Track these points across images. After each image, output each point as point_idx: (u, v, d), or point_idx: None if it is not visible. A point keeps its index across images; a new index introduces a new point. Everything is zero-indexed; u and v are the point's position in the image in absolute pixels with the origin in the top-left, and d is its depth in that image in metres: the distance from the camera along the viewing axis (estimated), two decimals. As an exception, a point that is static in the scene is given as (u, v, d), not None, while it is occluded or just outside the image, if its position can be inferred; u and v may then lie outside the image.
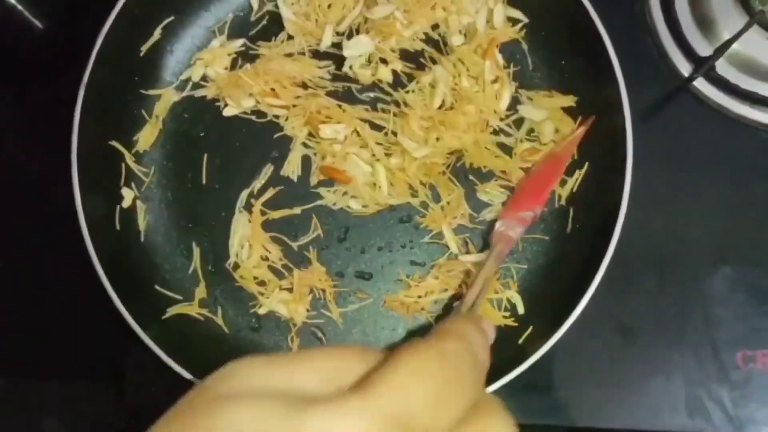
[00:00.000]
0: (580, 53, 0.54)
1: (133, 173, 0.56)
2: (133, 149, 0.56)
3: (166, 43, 0.57)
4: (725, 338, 0.54)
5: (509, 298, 0.53)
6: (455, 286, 0.54)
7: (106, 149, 0.55)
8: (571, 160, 0.54)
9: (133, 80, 0.57)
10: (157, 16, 0.56)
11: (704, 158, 0.57)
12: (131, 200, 0.56)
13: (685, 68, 0.57)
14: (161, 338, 0.49)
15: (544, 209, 0.54)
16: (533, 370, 0.48)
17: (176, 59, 0.58)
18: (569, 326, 0.48)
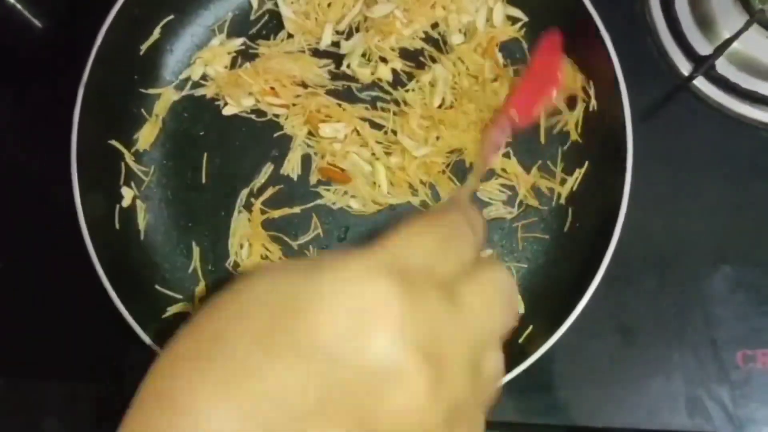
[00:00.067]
0: (580, 52, 0.54)
1: (132, 172, 0.56)
2: (132, 148, 0.56)
3: (165, 42, 0.57)
4: (725, 338, 0.54)
5: (509, 297, 0.53)
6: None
7: (105, 148, 0.55)
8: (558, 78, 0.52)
9: (132, 79, 0.57)
10: (156, 15, 0.56)
11: (704, 157, 0.57)
12: (131, 199, 0.56)
13: (685, 67, 0.57)
14: (161, 338, 0.49)
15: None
16: (533, 369, 0.48)
17: (176, 58, 0.58)
18: (569, 326, 0.48)
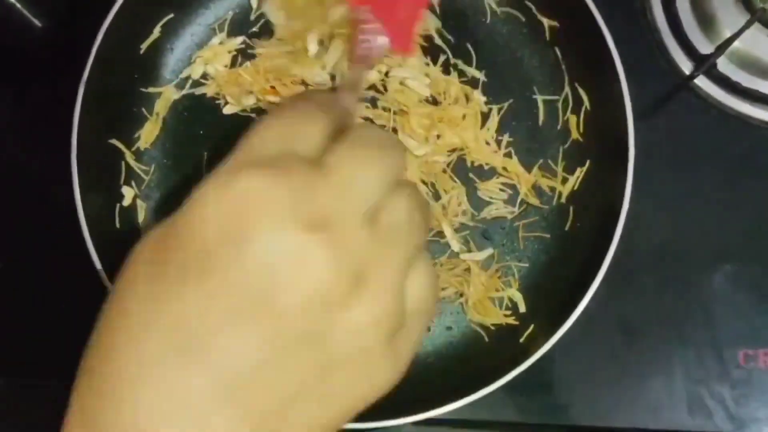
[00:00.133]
0: (580, 50, 0.54)
1: (133, 171, 0.56)
2: (133, 147, 0.56)
3: (165, 41, 0.57)
4: (727, 337, 0.54)
5: (510, 296, 0.53)
6: (456, 284, 0.53)
7: (106, 148, 0.55)
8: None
9: (133, 78, 0.56)
10: (156, 14, 0.56)
11: (706, 156, 0.56)
12: (132, 198, 0.55)
13: (686, 66, 0.57)
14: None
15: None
16: (534, 368, 0.48)
17: (176, 57, 0.58)
18: (570, 325, 0.48)
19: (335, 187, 0.22)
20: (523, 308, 0.53)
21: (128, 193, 0.55)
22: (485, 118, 0.55)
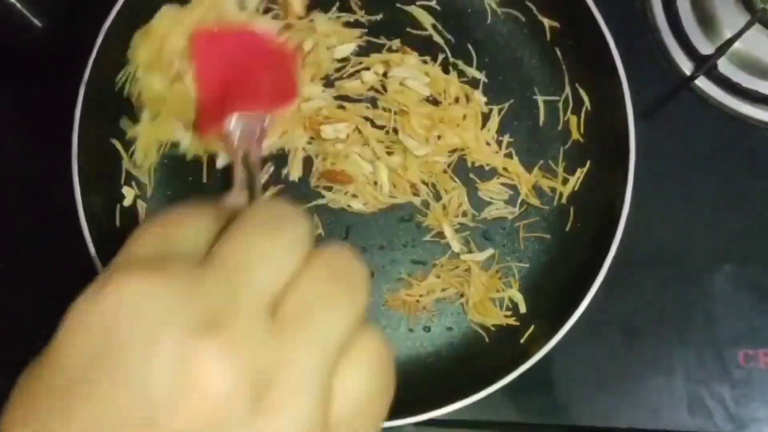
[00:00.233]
0: (581, 51, 0.54)
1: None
2: (133, 147, 0.56)
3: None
4: (727, 337, 0.54)
5: (511, 296, 0.53)
6: (457, 284, 0.53)
7: (106, 148, 0.55)
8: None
9: (133, 78, 0.56)
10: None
11: (706, 156, 0.57)
12: (132, 199, 0.55)
13: (686, 66, 0.57)
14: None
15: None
16: (535, 368, 0.48)
17: (176, 58, 0.58)
18: (571, 325, 0.48)
19: (224, 279, 0.19)
20: (523, 309, 0.53)
21: (129, 193, 0.55)
22: (486, 118, 0.55)
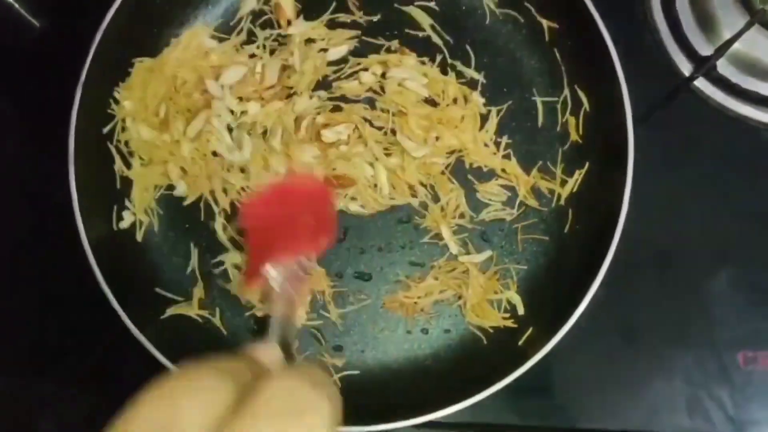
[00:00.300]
0: (580, 52, 0.54)
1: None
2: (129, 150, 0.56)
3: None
4: (726, 339, 0.53)
5: (509, 298, 0.53)
6: (455, 286, 0.53)
7: (104, 149, 0.55)
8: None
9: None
10: (153, 16, 0.56)
11: (705, 158, 0.56)
12: (130, 223, 0.55)
13: (685, 67, 0.57)
14: (159, 339, 0.49)
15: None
16: (533, 371, 0.48)
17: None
18: (569, 327, 0.48)
19: None
20: (521, 311, 0.53)
21: (128, 217, 0.55)
22: (484, 119, 0.55)
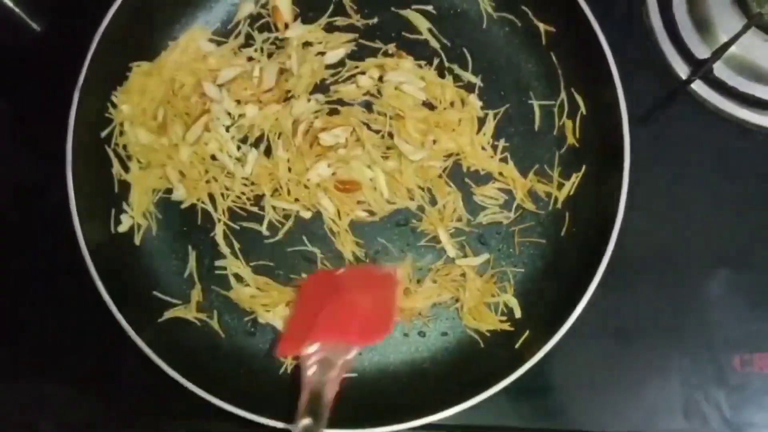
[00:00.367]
0: (576, 55, 0.54)
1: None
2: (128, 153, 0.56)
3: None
4: (722, 341, 0.54)
5: (506, 301, 0.53)
6: (452, 289, 0.53)
7: (102, 153, 0.55)
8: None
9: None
10: (150, 19, 0.56)
11: (702, 160, 0.56)
12: (128, 227, 0.55)
13: (682, 70, 0.57)
14: (156, 342, 0.49)
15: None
16: (530, 373, 0.48)
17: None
18: (566, 330, 0.48)
19: None
20: (518, 313, 0.53)
21: (126, 220, 0.55)
22: (481, 122, 0.55)
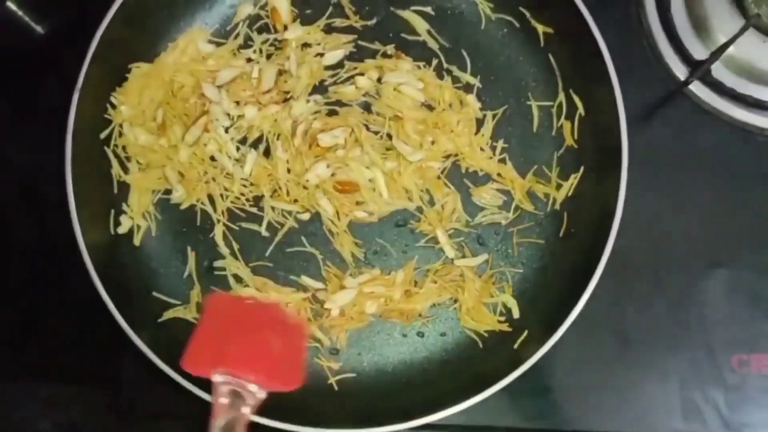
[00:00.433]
0: (574, 56, 0.54)
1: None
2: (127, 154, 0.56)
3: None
4: (721, 342, 0.54)
5: (505, 302, 0.53)
6: (451, 290, 0.54)
7: (101, 152, 0.55)
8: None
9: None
10: (149, 21, 0.56)
11: (699, 161, 0.56)
12: (128, 228, 0.55)
13: (680, 71, 0.57)
14: (155, 343, 0.49)
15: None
16: (528, 374, 0.48)
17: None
18: (564, 330, 0.48)
19: None
20: (517, 314, 0.53)
21: (125, 221, 0.55)
22: (480, 123, 0.56)
